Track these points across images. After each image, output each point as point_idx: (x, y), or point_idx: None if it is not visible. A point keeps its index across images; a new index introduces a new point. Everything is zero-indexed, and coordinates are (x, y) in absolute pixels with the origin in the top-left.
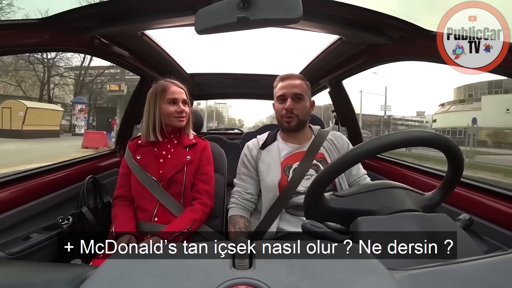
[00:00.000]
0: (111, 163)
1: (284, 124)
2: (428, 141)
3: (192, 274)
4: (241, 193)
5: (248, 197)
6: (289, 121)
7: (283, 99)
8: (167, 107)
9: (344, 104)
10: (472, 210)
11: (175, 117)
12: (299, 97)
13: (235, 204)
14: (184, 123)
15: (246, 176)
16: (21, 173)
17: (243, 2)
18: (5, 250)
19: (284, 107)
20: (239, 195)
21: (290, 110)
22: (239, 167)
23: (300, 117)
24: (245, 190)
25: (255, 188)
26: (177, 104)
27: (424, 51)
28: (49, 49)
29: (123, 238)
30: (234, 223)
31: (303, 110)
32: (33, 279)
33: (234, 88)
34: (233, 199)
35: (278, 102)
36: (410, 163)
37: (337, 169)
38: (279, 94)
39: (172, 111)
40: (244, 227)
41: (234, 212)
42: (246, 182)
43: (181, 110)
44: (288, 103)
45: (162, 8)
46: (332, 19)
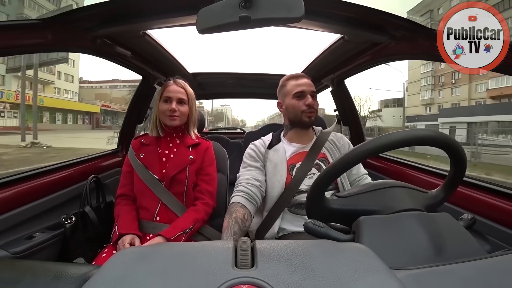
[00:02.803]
0: (113, 162)
1: (305, 119)
2: (429, 140)
3: (194, 273)
4: (249, 180)
5: (257, 184)
6: (311, 116)
7: (302, 95)
8: (161, 105)
9: (346, 103)
10: (475, 209)
11: (167, 115)
12: (314, 95)
13: (241, 192)
14: (176, 122)
15: (254, 168)
16: (24, 173)
17: (245, 1)
18: (8, 250)
19: (306, 102)
20: (247, 182)
21: (312, 105)
22: (244, 160)
23: (316, 113)
24: (254, 177)
25: (264, 179)
26: (170, 103)
27: (427, 50)
28: (51, 49)
29: (126, 238)
30: (232, 211)
31: (317, 107)
32: (36, 278)
33: (236, 88)
34: (240, 187)
35: (295, 99)
36: (412, 162)
37: (339, 168)
38: (298, 90)
39: (165, 109)
40: (242, 218)
41: (236, 200)
42: (254, 172)
43: (172, 109)
44: (310, 99)
45: (164, 7)
46: (334, 18)
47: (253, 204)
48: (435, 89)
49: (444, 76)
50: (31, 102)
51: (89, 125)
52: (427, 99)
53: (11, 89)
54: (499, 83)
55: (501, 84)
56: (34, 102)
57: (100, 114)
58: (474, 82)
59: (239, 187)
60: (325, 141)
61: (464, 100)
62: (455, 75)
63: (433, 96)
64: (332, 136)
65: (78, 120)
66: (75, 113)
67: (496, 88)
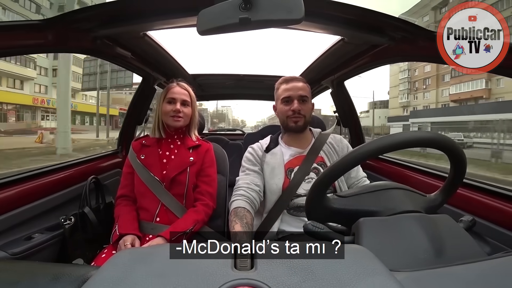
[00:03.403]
0: (113, 163)
1: (291, 124)
2: (429, 142)
3: (194, 274)
4: (249, 184)
5: (256, 189)
6: (297, 121)
7: (289, 100)
8: (165, 106)
9: (346, 105)
10: (474, 211)
11: (171, 116)
12: (304, 99)
13: (242, 196)
14: (180, 123)
15: (253, 172)
16: (23, 173)
17: (245, 3)
18: (7, 250)
19: (291, 108)
20: (248, 186)
21: (298, 111)
22: (243, 164)
23: (306, 117)
24: (254, 182)
25: (262, 184)
26: (174, 104)
27: (426, 52)
28: (51, 50)
29: (127, 238)
30: (241, 216)
31: (308, 111)
32: (35, 279)
33: (236, 89)
34: (240, 191)
35: (283, 104)
36: (411, 164)
37: (338, 170)
38: (285, 96)
39: (168, 110)
40: (251, 224)
41: (240, 204)
42: (253, 176)
43: (176, 109)
44: (295, 104)
45: (164, 9)
46: (334, 20)
47: (253, 209)
48: (410, 93)
49: (418, 82)
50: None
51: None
52: (404, 102)
53: (53, 97)
54: (459, 89)
55: (459, 90)
56: (107, 112)
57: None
58: (440, 88)
59: (240, 191)
60: (323, 144)
61: (433, 103)
62: (426, 81)
63: (409, 99)
64: (331, 138)
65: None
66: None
67: (455, 93)
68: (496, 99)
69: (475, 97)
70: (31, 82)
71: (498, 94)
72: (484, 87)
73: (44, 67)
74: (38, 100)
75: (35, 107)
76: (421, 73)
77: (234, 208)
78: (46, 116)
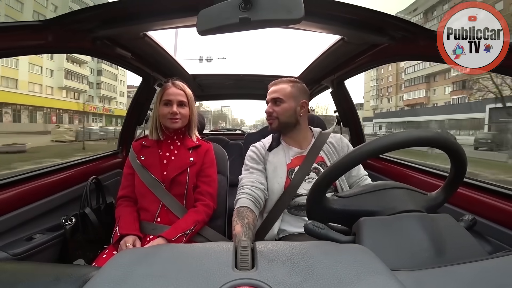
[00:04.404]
0: (113, 164)
1: (268, 126)
2: (429, 141)
3: (194, 275)
4: (254, 183)
5: (261, 187)
6: (270, 123)
7: (267, 103)
8: (162, 108)
9: (346, 104)
10: (475, 210)
11: (168, 118)
12: (278, 100)
13: (247, 194)
14: (178, 125)
15: (257, 170)
16: (24, 174)
17: (245, 3)
18: (8, 251)
19: (266, 110)
20: (252, 184)
21: (269, 113)
22: (246, 163)
23: (281, 118)
24: (258, 180)
25: (266, 183)
26: (171, 106)
27: (427, 51)
28: (52, 51)
29: (129, 239)
30: (243, 216)
31: (283, 112)
32: (36, 279)
33: (235, 89)
34: (245, 189)
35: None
36: (412, 163)
37: (339, 170)
38: (266, 99)
39: (165, 112)
40: (253, 224)
41: (244, 203)
42: (257, 175)
43: (173, 111)
44: (267, 107)
45: (164, 9)
46: (334, 19)
47: (258, 208)
48: (378, 98)
49: (383, 89)
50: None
51: None
52: (374, 105)
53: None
54: (409, 96)
55: (410, 97)
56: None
57: None
58: (399, 94)
59: (244, 189)
60: (323, 144)
61: (393, 106)
62: (389, 89)
63: (377, 103)
64: (331, 137)
65: None
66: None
67: (408, 99)
68: (434, 105)
69: (419, 102)
70: (83, 94)
71: (435, 100)
72: (424, 95)
73: (90, 81)
74: (91, 108)
75: (88, 113)
76: (386, 82)
77: (237, 207)
78: (94, 119)
